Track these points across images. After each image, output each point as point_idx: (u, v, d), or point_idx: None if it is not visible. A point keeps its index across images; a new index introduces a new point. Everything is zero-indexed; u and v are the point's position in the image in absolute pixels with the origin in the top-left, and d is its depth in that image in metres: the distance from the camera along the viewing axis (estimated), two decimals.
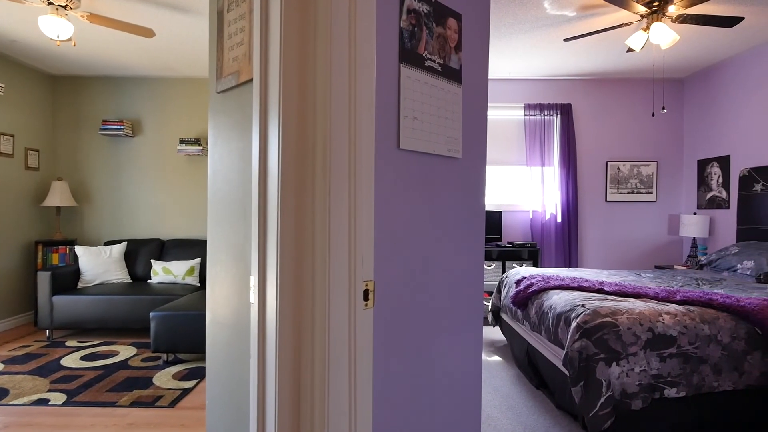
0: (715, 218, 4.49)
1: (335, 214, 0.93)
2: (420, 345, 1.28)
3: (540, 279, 3.13)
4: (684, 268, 4.30)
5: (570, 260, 4.83)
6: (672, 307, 2.39)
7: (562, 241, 4.83)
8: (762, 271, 3.19)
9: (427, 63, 1.31)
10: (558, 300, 2.71)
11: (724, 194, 4.38)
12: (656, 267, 4.69)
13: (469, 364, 1.46)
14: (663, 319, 2.29)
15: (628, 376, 2.19)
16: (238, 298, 1.20)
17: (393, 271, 1.19)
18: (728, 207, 4.32)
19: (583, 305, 2.47)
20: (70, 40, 3.05)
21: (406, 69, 1.24)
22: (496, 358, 3.56)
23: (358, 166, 0.97)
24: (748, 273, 3.29)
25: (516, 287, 3.30)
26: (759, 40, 3.85)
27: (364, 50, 0.98)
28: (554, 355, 2.64)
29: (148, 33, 3.11)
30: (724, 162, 4.39)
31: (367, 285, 1.00)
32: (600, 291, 2.77)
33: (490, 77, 4.88)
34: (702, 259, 3.84)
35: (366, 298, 1.00)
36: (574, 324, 2.36)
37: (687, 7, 2.89)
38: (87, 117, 4.82)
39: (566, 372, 2.33)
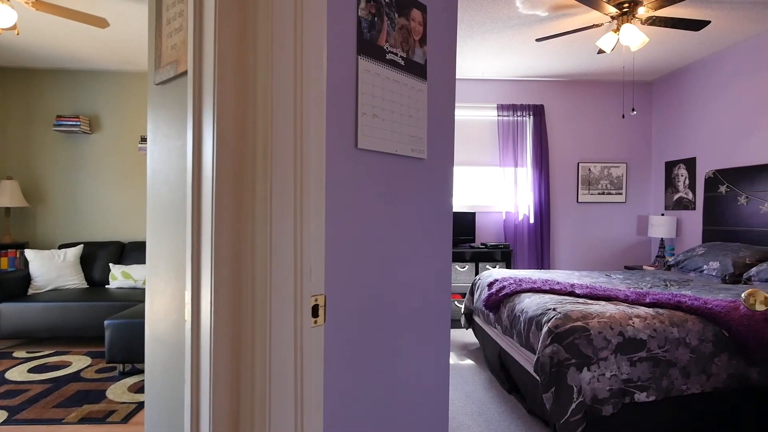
0: (681, 219, 4.57)
1: (278, 221, 0.83)
2: (380, 362, 1.19)
3: (512, 282, 3.09)
4: (653, 268, 4.36)
5: (542, 261, 4.84)
6: (642, 310, 2.38)
7: (535, 242, 4.83)
8: (727, 272, 3.24)
9: (389, 56, 1.21)
10: (530, 303, 2.66)
11: (690, 195, 4.46)
12: (626, 267, 4.75)
13: (436, 377, 1.37)
14: (633, 323, 2.27)
15: (598, 381, 2.16)
16: (178, 313, 1.08)
17: (349, 282, 1.10)
18: (694, 208, 4.40)
19: (554, 309, 2.43)
20: (14, 28, 2.83)
21: (365, 62, 1.14)
22: (469, 361, 3.51)
23: (305, 166, 0.86)
24: (713, 274, 3.34)
25: (488, 290, 3.25)
26: (723, 44, 3.93)
27: (313, 38, 0.88)
28: (526, 360, 2.59)
29: (100, 23, 2.92)
30: (690, 164, 4.47)
31: (316, 300, 0.90)
32: (571, 294, 2.74)
33: (462, 77, 4.84)
34: (670, 259, 3.89)
35: (315, 314, 0.89)
36: (545, 329, 2.32)
37: (656, 9, 2.89)
38: (39, 112, 4.53)
39: (538, 378, 2.28)
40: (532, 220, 4.82)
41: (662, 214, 4.79)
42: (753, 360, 2.22)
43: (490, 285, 3.29)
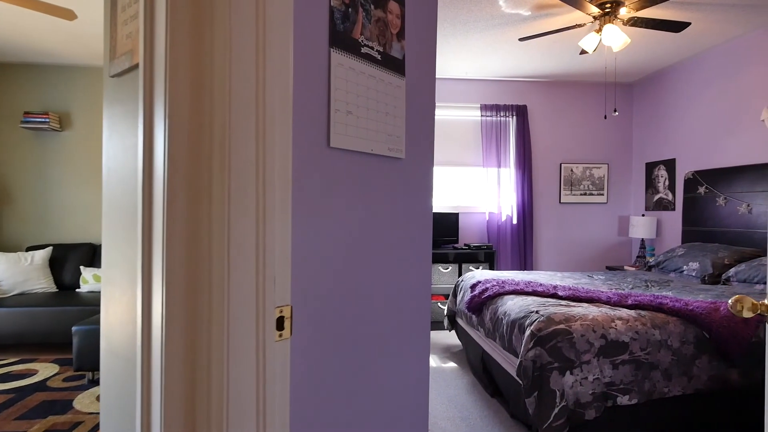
0: (662, 219, 4.62)
1: (238, 225, 0.75)
2: (354, 378, 1.12)
3: (495, 283, 3.06)
4: (633, 269, 4.39)
5: (525, 262, 4.84)
6: (624, 312, 2.36)
7: (518, 242, 4.82)
8: (706, 273, 3.26)
9: (364, 50, 1.14)
10: (512, 306, 2.63)
11: (670, 196, 4.50)
12: (607, 268, 4.77)
13: (414, 390, 1.31)
14: (615, 325, 2.25)
15: (581, 385, 2.13)
16: (134, 325, 0.99)
17: (320, 291, 1.03)
18: (674, 209, 4.45)
19: (537, 311, 2.40)
20: None
21: (338, 55, 1.07)
22: (452, 364, 3.47)
23: (269, 166, 0.79)
24: (693, 274, 3.36)
25: (471, 292, 3.21)
26: (702, 47, 3.97)
27: (278, 27, 0.81)
28: (509, 363, 2.56)
29: (68, 15, 2.78)
30: (670, 165, 4.51)
31: (281, 311, 0.82)
32: (554, 296, 2.72)
33: (445, 77, 4.80)
34: (650, 260, 3.91)
35: (280, 327, 0.82)
36: (528, 332, 2.28)
37: (637, 9, 2.89)
38: (5, 108, 4.33)
39: (520, 382, 2.24)
40: (515, 221, 4.81)
41: (643, 215, 4.83)
42: (733, 361, 2.22)
43: (473, 287, 3.25)
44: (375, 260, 1.20)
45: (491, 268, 4.60)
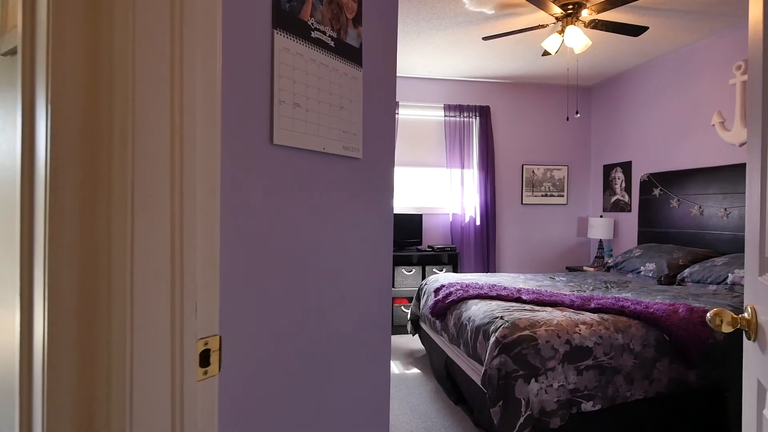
0: (618, 221, 4.72)
1: (144, 239, 0.60)
2: (301, 415, 0.98)
3: (459, 287, 2.98)
4: (593, 269, 4.45)
5: (488, 263, 4.82)
6: (587, 316, 2.33)
7: (481, 243, 4.80)
8: (662, 273, 3.32)
9: (315, 34, 1.01)
10: (477, 311, 2.56)
11: (626, 198, 4.61)
12: (567, 268, 4.83)
13: (375, 422, 1.18)
14: (579, 330, 2.21)
15: (546, 392, 2.07)
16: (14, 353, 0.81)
17: (262, 312, 0.88)
18: (630, 210, 4.55)
19: (501, 317, 2.33)
20: None
21: (283, 38, 0.93)
22: (415, 370, 3.37)
23: (188, 166, 0.64)
24: (650, 275, 3.42)
25: (434, 296, 3.13)
26: (658, 52, 4.07)
27: None
28: (473, 371, 2.48)
29: None
30: (626, 167, 4.62)
31: (207, 343, 0.68)
32: (518, 300, 2.67)
33: (409, 75, 4.71)
34: (609, 261, 3.97)
35: (205, 362, 0.68)
36: (492, 339, 2.21)
37: (599, 12, 2.89)
38: None
39: (485, 391, 2.17)
40: (478, 222, 4.79)
41: (601, 216, 4.93)
42: (691, 362, 2.24)
43: (437, 291, 3.17)
44: (329, 271, 1.06)
45: (455, 270, 4.55)
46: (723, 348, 2.29)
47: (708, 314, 0.92)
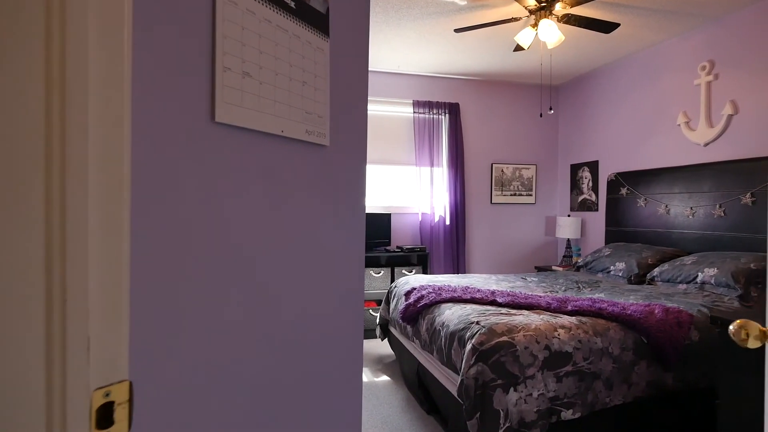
0: (586, 220, 4.73)
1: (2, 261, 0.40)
2: None
3: (431, 290, 2.84)
4: (561, 269, 4.43)
5: (458, 264, 4.72)
6: (566, 319, 2.24)
7: (451, 243, 4.70)
8: (632, 273, 3.31)
9: None
10: (451, 316, 2.42)
11: (593, 197, 4.62)
12: (536, 268, 4.81)
13: None
14: (558, 334, 2.11)
15: (526, 402, 1.95)
16: None
17: (194, 347, 0.68)
18: (597, 209, 4.57)
19: (477, 322, 2.20)
20: None
21: None
22: (384, 377, 3.21)
23: (75, 147, 0.44)
24: (620, 274, 3.40)
25: (405, 300, 2.97)
26: (625, 52, 4.08)
27: None
28: (447, 379, 2.34)
29: None
30: (593, 167, 4.63)
31: (108, 395, 0.48)
32: (493, 303, 2.55)
33: (377, 69, 4.54)
34: (579, 260, 3.95)
35: (107, 421, 0.47)
36: (469, 346, 2.07)
37: (572, 5, 2.82)
38: None
39: (461, 402, 2.02)
40: (448, 222, 4.68)
41: (568, 215, 4.94)
42: (669, 365, 2.18)
43: (408, 294, 3.01)
44: (285, 285, 0.87)
45: (425, 271, 4.42)
46: (699, 349, 2.25)
47: (731, 327, 0.80)
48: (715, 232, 3.21)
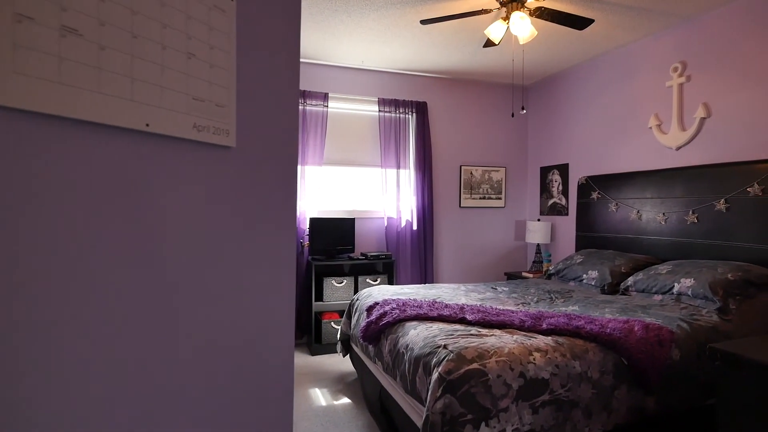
0: (556, 224, 4.60)
1: None
2: None
3: (395, 306, 2.58)
4: (532, 275, 4.28)
5: (426, 270, 4.50)
6: (541, 341, 2.03)
7: (418, 249, 4.46)
8: (605, 282, 3.16)
9: None
10: (415, 337, 2.16)
11: (563, 201, 4.49)
12: (506, 274, 4.64)
13: None
14: (534, 359, 1.89)
15: None
16: None
17: None
18: (567, 214, 4.44)
19: (445, 346, 1.95)
20: None
21: None
22: (345, 400, 2.93)
23: None
24: (593, 283, 3.25)
25: (367, 316, 2.70)
26: (597, 51, 3.96)
27: None
28: (412, 408, 2.09)
29: None
30: (563, 170, 4.50)
31: None
32: (462, 321, 2.32)
33: (340, 64, 4.25)
34: (550, 268, 3.79)
35: None
36: (435, 375, 1.82)
37: None
38: None
39: None
40: (415, 227, 4.44)
41: (538, 220, 4.80)
42: (650, 388, 2.00)
43: (370, 310, 2.74)
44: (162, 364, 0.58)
45: (390, 280, 4.16)
46: (681, 369, 2.09)
47: None
48: (688, 239, 3.10)
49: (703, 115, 3.12)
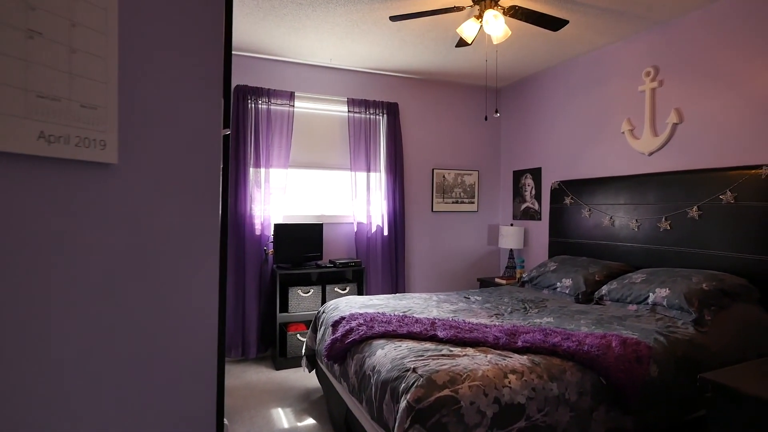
0: (529, 229, 4.53)
1: None
2: None
3: (362, 322, 2.41)
4: (505, 282, 4.19)
5: (397, 277, 4.34)
6: (516, 361, 1.89)
7: (389, 255, 4.30)
8: (580, 290, 3.08)
9: None
10: (383, 358, 2.00)
11: (536, 206, 4.43)
12: (479, 281, 4.54)
13: None
14: (509, 382, 1.76)
15: None
16: None
17: None
18: (540, 219, 4.37)
19: (414, 369, 1.80)
20: None
21: None
22: (310, 420, 2.73)
23: None
24: (567, 292, 3.17)
25: (332, 332, 2.52)
26: (570, 54, 3.90)
27: None
28: None
29: None
30: (536, 174, 4.43)
31: None
32: (433, 338, 2.17)
33: (306, 62, 4.04)
34: (524, 275, 3.70)
35: None
36: (403, 403, 1.66)
37: None
38: None
39: None
40: (386, 232, 4.28)
41: (511, 224, 4.72)
42: (629, 407, 1.90)
43: (336, 325, 2.56)
44: None
45: (360, 289, 3.98)
46: (659, 386, 2.00)
47: None
48: (661, 246, 3.06)
49: (675, 121, 3.08)
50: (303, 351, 3.08)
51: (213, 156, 0.66)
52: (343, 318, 2.57)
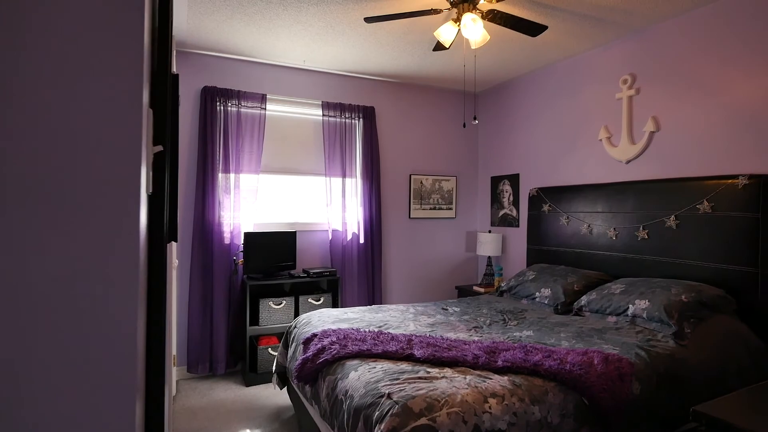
0: (507, 236, 4.48)
1: None
2: None
3: (335, 339, 2.28)
4: (483, 290, 4.12)
5: (374, 286, 4.21)
6: (497, 382, 1.80)
7: (366, 264, 4.17)
8: (559, 301, 3.02)
9: None
10: (356, 382, 1.87)
11: (514, 213, 4.38)
12: (457, 288, 4.46)
13: None
14: (490, 407, 1.66)
15: None
16: None
17: None
18: (518, 225, 4.33)
19: (389, 395, 1.67)
20: None
21: None
22: None
23: None
24: (546, 302, 3.11)
25: (304, 351, 2.38)
26: (548, 59, 3.86)
27: None
28: None
29: None
30: (514, 180, 4.39)
31: None
32: (410, 357, 2.05)
33: (278, 63, 3.89)
34: (502, 284, 3.63)
35: None
36: None
37: (498, 0, 2.43)
38: None
39: None
40: (362, 240, 4.15)
41: (489, 231, 4.66)
42: (611, 427, 1.83)
43: (307, 343, 2.42)
44: None
45: (335, 299, 3.84)
46: (641, 404, 1.94)
47: None
48: (638, 255, 3.03)
49: (652, 129, 3.06)
50: (274, 368, 2.92)
51: (122, 181, 0.52)
52: (315, 335, 2.43)
